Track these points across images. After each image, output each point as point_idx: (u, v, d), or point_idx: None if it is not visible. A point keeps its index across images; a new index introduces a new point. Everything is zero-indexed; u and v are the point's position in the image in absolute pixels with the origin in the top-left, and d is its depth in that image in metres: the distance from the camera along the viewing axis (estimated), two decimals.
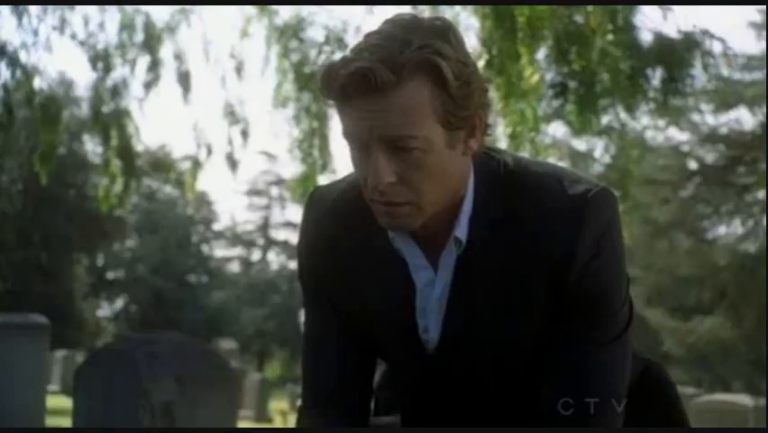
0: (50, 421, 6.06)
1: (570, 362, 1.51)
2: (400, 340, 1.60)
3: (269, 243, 42.23)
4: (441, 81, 1.40)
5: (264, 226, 42.16)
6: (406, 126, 1.40)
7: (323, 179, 8.88)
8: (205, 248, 40.89)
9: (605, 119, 7.56)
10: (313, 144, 8.94)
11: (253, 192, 41.82)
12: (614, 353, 1.52)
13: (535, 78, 6.06)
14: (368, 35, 1.43)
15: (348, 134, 1.44)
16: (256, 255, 42.94)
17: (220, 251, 42.43)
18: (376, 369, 1.70)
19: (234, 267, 42.60)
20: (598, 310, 1.51)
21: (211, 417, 3.32)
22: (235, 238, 42.39)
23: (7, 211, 32.35)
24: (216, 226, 42.10)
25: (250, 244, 42.49)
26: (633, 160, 8.08)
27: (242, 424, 12.83)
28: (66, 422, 4.08)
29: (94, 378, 3.54)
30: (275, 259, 42.40)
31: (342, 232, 1.59)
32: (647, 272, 20.41)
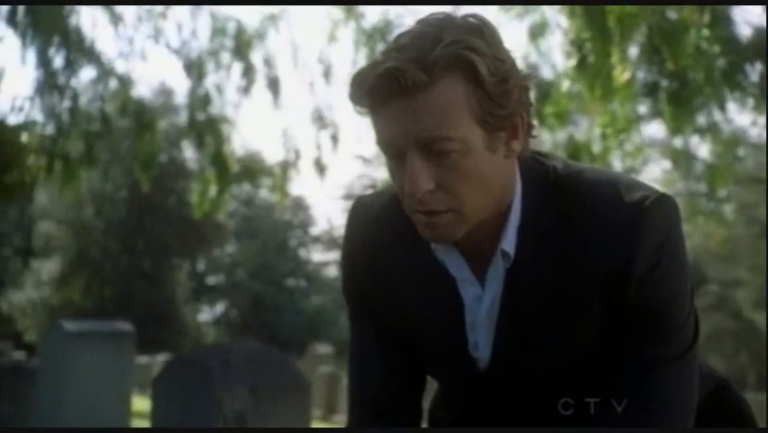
0: (138, 426, 6.15)
1: (632, 382, 1.40)
2: (449, 357, 1.52)
3: None
4: (475, 78, 1.31)
5: None
6: (442, 128, 1.31)
7: None
8: (302, 252, 41.30)
9: (703, 117, 7.27)
10: None
11: (349, 196, 42.01)
12: (680, 371, 1.41)
13: (626, 76, 5.85)
14: (398, 36, 1.36)
15: (381, 142, 1.36)
16: None
17: (317, 255, 42.80)
18: (425, 386, 1.61)
19: (332, 271, 42.87)
20: (660, 326, 1.40)
21: (284, 427, 3.26)
22: (332, 242, 42.64)
23: (112, 219, 33.31)
24: (314, 231, 42.51)
25: None
26: (736, 158, 7.76)
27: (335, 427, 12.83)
28: None
29: (170, 387, 3.52)
30: None
31: (386, 243, 1.51)
32: (754, 274, 19.70)
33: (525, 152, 1.43)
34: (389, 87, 1.30)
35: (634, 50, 6.65)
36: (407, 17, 8.84)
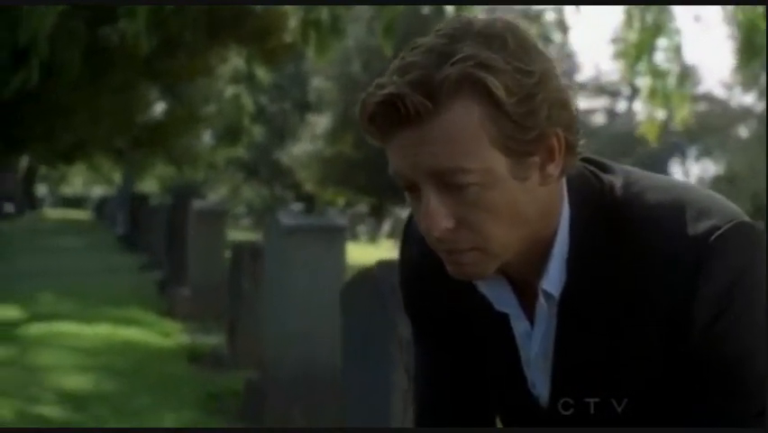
0: None
1: None
2: (509, 393, 1.39)
3: (636, 92, 40.82)
4: (491, 99, 1.11)
5: None
6: (456, 158, 1.12)
7: None
8: None
9: None
10: None
11: (617, 40, 40.33)
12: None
13: None
14: (406, 52, 1.16)
15: (393, 172, 1.19)
16: (622, 106, 41.69)
17: (584, 102, 41.78)
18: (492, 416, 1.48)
19: (599, 119, 41.73)
20: (732, 380, 1.18)
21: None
22: (599, 89, 41.32)
23: (379, 73, 34.00)
24: (580, 78, 41.33)
25: (615, 95, 41.24)
26: None
27: None
28: None
29: (353, 303, 3.54)
30: (642, 109, 41.10)
31: (435, 269, 1.36)
32: None
33: (566, 174, 1.21)
34: (391, 115, 1.13)
35: None
36: None
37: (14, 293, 10.29)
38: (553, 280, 1.23)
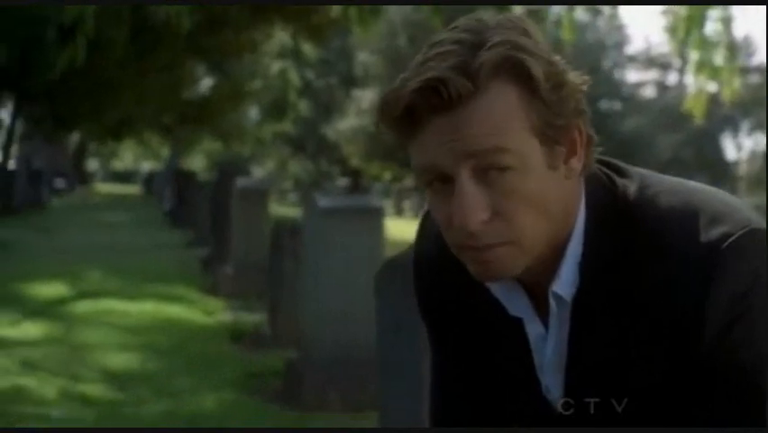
0: None
1: None
2: (522, 399, 1.36)
3: (686, 64, 40.18)
4: (529, 82, 1.11)
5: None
6: (494, 137, 1.10)
7: None
8: (617, 73, 39.83)
9: None
10: None
11: (669, 11, 39.66)
12: None
13: None
14: (429, 47, 1.14)
15: (421, 166, 1.16)
16: (672, 78, 41.04)
17: (633, 75, 41.26)
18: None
19: (649, 91, 41.13)
20: (745, 387, 1.16)
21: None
22: (650, 62, 40.67)
23: None
24: (629, 50, 40.75)
25: (665, 67, 40.58)
26: None
27: None
28: None
29: (386, 288, 3.53)
30: (692, 81, 40.42)
31: (449, 269, 1.34)
32: None
33: (587, 171, 1.20)
34: (429, 101, 1.10)
35: None
36: None
37: (63, 270, 10.46)
38: (564, 283, 1.21)
